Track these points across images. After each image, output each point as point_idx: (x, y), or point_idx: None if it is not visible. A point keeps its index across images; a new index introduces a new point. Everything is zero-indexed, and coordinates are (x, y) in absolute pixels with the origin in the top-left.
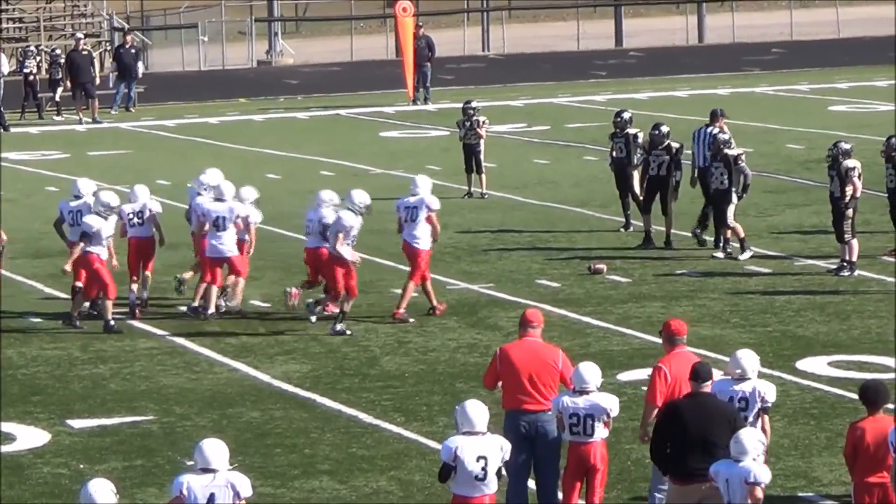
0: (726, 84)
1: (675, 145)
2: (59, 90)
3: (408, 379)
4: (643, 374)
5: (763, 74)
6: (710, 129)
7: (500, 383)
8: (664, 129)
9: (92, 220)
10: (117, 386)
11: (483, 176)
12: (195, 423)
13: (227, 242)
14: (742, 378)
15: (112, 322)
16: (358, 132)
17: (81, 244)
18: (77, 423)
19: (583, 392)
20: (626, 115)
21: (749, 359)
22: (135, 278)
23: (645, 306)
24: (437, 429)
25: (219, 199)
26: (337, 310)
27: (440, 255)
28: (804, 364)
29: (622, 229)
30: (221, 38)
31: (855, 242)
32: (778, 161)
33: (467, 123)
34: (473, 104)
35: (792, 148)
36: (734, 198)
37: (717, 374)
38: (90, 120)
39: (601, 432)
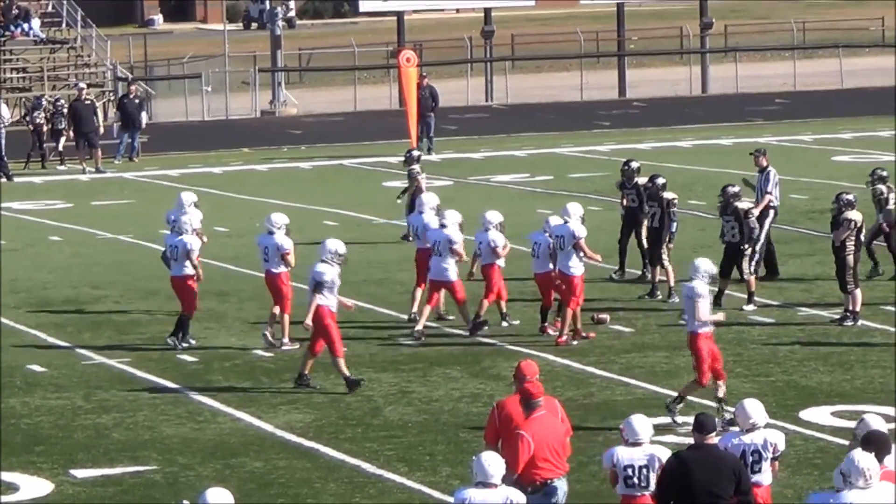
0: (730, 134)
1: (667, 197)
2: (62, 140)
3: (411, 429)
4: None
5: (766, 125)
6: (767, 171)
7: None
8: (659, 180)
9: (324, 269)
10: (120, 435)
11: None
12: (198, 472)
13: (450, 266)
14: (752, 429)
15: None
16: (361, 182)
17: (316, 295)
18: (80, 473)
19: (636, 444)
20: (635, 165)
21: (757, 408)
22: None
23: (648, 356)
24: (441, 479)
25: (442, 224)
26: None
27: (444, 305)
28: (807, 414)
29: (614, 275)
30: (225, 89)
31: (858, 292)
32: (782, 211)
33: (409, 171)
34: (414, 154)
35: (795, 198)
36: (747, 251)
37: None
38: (93, 170)
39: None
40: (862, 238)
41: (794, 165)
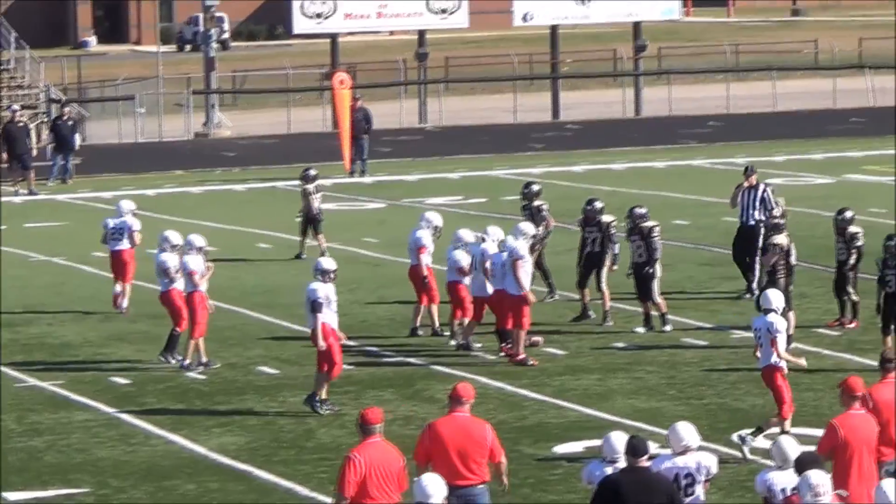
0: (663, 157)
1: (606, 220)
2: None
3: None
4: (579, 446)
5: (699, 147)
6: (759, 189)
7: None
8: (598, 204)
9: (317, 286)
10: (53, 458)
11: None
12: (131, 495)
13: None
14: (685, 451)
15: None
16: (295, 204)
17: (318, 315)
18: (12, 496)
19: (613, 462)
20: (535, 188)
21: (690, 431)
22: None
23: (581, 379)
24: None
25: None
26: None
27: (377, 328)
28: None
29: (549, 298)
30: (159, 111)
31: (791, 315)
32: (715, 234)
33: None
34: (311, 172)
35: (729, 221)
36: (658, 271)
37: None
38: (26, 192)
39: None
40: (792, 262)
41: (727, 188)
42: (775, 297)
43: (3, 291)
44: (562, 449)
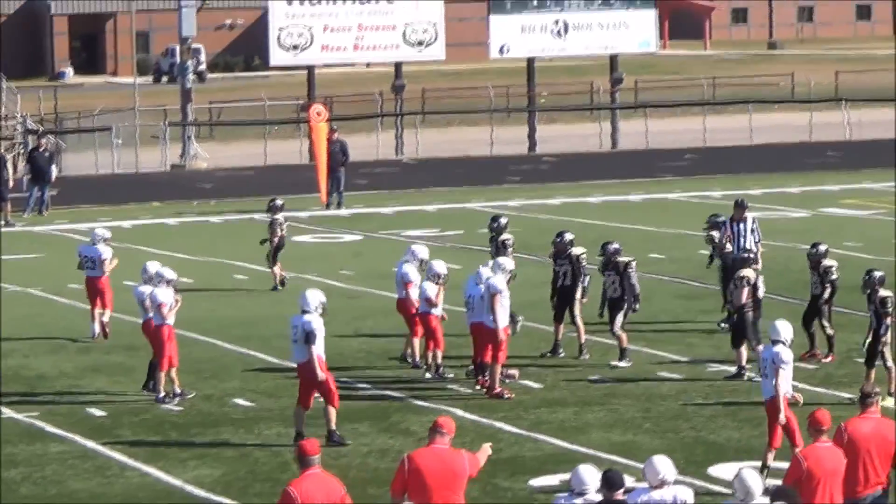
0: (639, 190)
1: (576, 252)
2: None
3: None
4: (555, 479)
5: (676, 180)
6: (749, 221)
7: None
8: (567, 237)
9: (312, 319)
10: (28, 490)
11: (277, 268)
12: None
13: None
14: (661, 484)
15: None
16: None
17: (313, 347)
18: None
19: (582, 494)
20: (503, 221)
21: (666, 465)
22: None
23: (557, 412)
24: None
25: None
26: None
27: (353, 360)
28: (716, 470)
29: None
30: (135, 142)
31: (761, 348)
32: (690, 267)
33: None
34: (277, 202)
35: (705, 254)
36: (625, 306)
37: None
38: (3, 223)
39: None
40: (759, 295)
41: (703, 221)
42: (784, 328)
43: None
44: (538, 482)
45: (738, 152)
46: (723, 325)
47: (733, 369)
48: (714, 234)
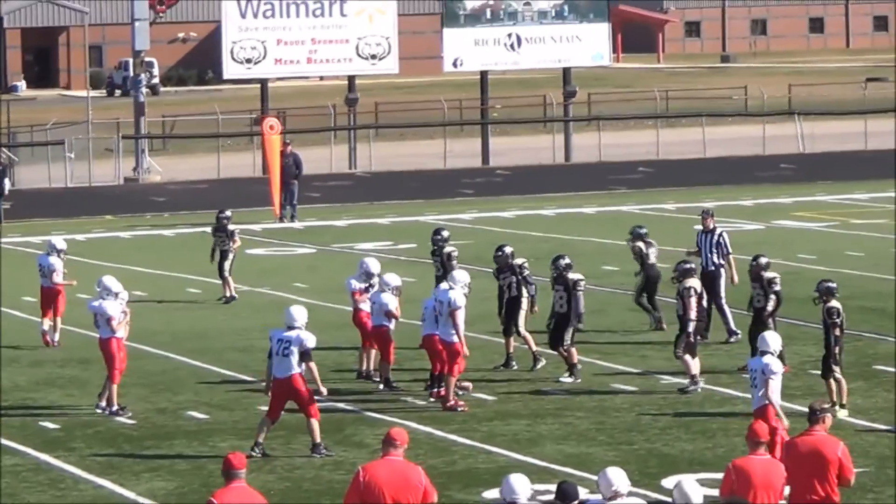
0: (593, 203)
1: (517, 263)
2: None
3: (273, 497)
4: None
5: (629, 193)
6: (716, 233)
7: None
8: (507, 249)
9: (306, 336)
10: None
11: (230, 280)
12: None
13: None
14: (615, 496)
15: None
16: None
17: (308, 364)
18: None
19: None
20: (445, 234)
21: (620, 476)
22: None
23: (511, 424)
24: None
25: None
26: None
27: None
28: (670, 482)
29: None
30: (88, 155)
31: (693, 358)
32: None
33: (221, 233)
34: (227, 213)
35: (658, 267)
36: (573, 323)
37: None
38: None
39: None
40: (704, 304)
41: (657, 234)
42: (772, 339)
43: None
44: (491, 494)
45: (691, 165)
46: (732, 339)
47: (687, 381)
48: (640, 244)
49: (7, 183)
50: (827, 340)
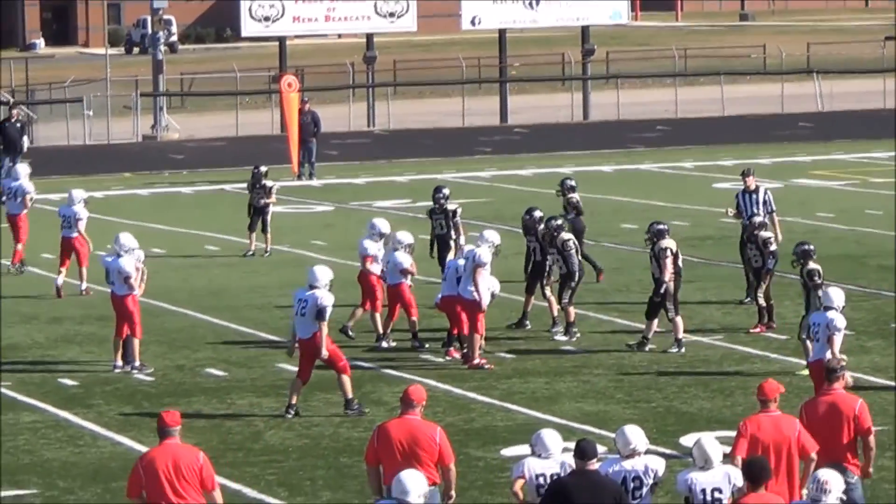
0: (610, 161)
1: (541, 230)
2: None
3: (291, 453)
4: (527, 449)
5: (647, 152)
6: (760, 191)
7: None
8: (536, 214)
9: (323, 295)
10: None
11: (269, 235)
12: (79, 497)
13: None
14: (633, 454)
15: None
16: (242, 207)
17: (323, 323)
18: None
19: (547, 457)
20: (446, 191)
21: (637, 434)
22: None
23: (529, 382)
24: (321, 503)
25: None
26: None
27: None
28: (688, 440)
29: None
30: (107, 113)
31: (679, 319)
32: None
33: (257, 186)
34: (263, 168)
35: (676, 225)
36: (573, 280)
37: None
38: None
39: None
40: (680, 264)
41: (675, 192)
42: (836, 295)
43: None
44: (509, 452)
45: (709, 123)
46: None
47: (705, 339)
48: (576, 196)
49: (26, 140)
50: (807, 303)
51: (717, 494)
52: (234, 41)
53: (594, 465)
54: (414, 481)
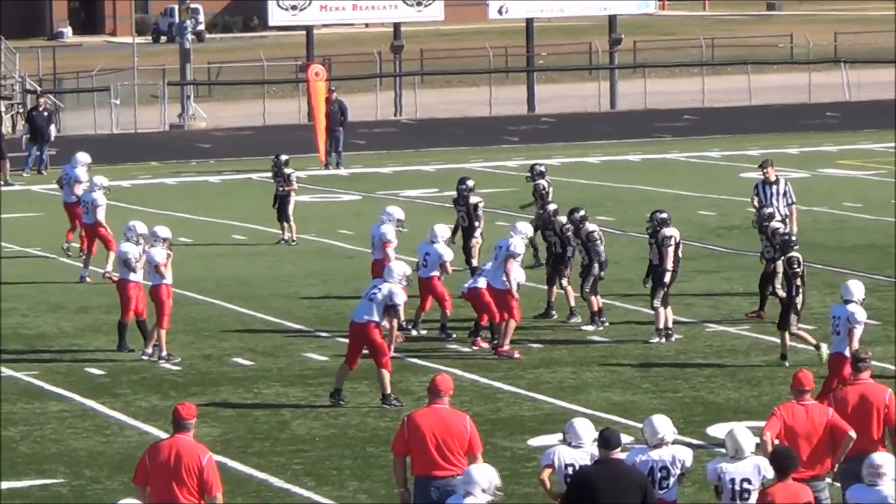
0: (637, 150)
1: (560, 222)
2: None
3: (318, 443)
4: (554, 439)
5: (674, 141)
6: (780, 183)
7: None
8: (550, 207)
9: (398, 290)
10: (27, 448)
11: (292, 224)
12: (105, 486)
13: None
14: (660, 444)
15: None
16: (269, 196)
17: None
18: None
19: (578, 446)
20: (470, 183)
21: (665, 424)
22: None
23: (556, 371)
24: (348, 493)
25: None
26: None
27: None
28: (715, 430)
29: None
30: (134, 102)
31: (668, 311)
32: (689, 228)
33: (279, 178)
34: (283, 157)
35: (703, 214)
36: (595, 271)
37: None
38: (2, 182)
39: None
40: (680, 254)
41: (702, 182)
42: (856, 288)
43: None
44: (536, 442)
45: (736, 113)
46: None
47: (732, 329)
48: (543, 182)
49: (53, 129)
50: (788, 291)
51: (745, 485)
52: (261, 30)
53: (618, 454)
54: (482, 475)
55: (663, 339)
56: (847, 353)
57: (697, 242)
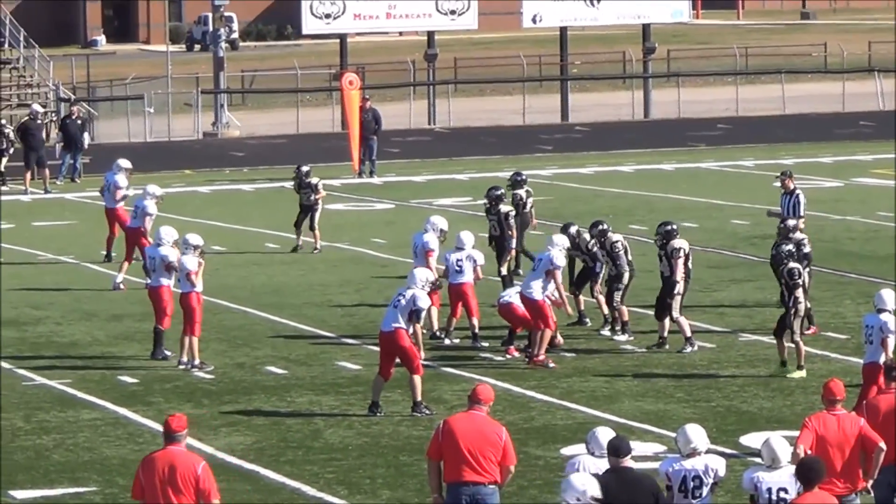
0: (671, 159)
1: (586, 239)
2: (4, 160)
3: (351, 452)
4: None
5: (708, 150)
6: (794, 193)
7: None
8: (573, 229)
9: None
10: (60, 457)
11: (317, 232)
12: None
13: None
14: (693, 453)
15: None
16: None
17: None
18: (20, 495)
19: (601, 456)
20: (499, 192)
21: (698, 433)
22: None
23: (589, 381)
24: (381, 502)
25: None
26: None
27: None
28: (748, 439)
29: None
30: (167, 110)
31: (684, 320)
32: (722, 236)
33: (306, 189)
34: (305, 168)
35: (737, 224)
36: (625, 281)
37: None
38: (42, 190)
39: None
40: (689, 265)
41: (735, 191)
42: (889, 297)
43: (12, 290)
44: (569, 451)
45: (770, 122)
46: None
47: (765, 339)
48: (521, 192)
49: (86, 137)
50: (787, 302)
51: (782, 494)
52: (294, 38)
53: (628, 461)
54: (582, 482)
55: (695, 348)
56: (881, 362)
57: (731, 252)
